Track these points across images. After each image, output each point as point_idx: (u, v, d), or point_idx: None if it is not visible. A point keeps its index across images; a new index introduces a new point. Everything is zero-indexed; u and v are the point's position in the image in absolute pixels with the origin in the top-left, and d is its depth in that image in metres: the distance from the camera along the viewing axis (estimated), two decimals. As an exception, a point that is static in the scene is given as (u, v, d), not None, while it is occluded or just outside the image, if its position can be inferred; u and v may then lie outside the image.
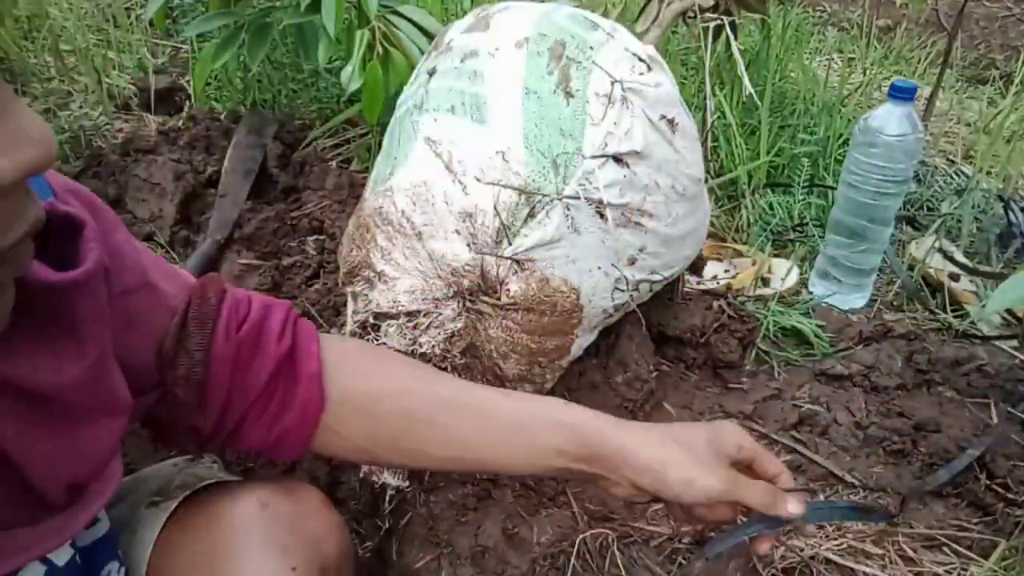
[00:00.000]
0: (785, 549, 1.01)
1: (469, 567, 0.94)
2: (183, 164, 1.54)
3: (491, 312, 0.99)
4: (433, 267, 0.97)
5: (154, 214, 1.48)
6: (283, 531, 0.64)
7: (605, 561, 0.99)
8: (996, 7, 3.13)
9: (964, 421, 1.19)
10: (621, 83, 0.98)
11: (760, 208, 1.65)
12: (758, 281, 1.44)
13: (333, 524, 0.68)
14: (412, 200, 0.98)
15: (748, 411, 1.21)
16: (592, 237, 1.00)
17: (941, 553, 1.03)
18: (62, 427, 0.48)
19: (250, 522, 0.63)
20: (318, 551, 0.65)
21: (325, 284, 1.32)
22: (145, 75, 1.94)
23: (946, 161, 1.82)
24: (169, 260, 1.42)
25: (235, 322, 0.64)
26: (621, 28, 1.06)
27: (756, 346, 1.32)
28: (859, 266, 1.41)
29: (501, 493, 1.03)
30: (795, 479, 0.79)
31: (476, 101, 0.99)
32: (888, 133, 1.30)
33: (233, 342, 0.63)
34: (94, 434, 0.51)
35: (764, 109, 1.63)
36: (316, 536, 0.66)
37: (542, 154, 0.96)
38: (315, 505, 0.68)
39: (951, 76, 2.45)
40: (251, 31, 1.49)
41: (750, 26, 2.09)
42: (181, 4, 2.01)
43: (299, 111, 1.84)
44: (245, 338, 0.64)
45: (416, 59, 1.33)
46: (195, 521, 0.65)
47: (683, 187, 1.06)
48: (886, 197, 1.35)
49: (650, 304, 1.23)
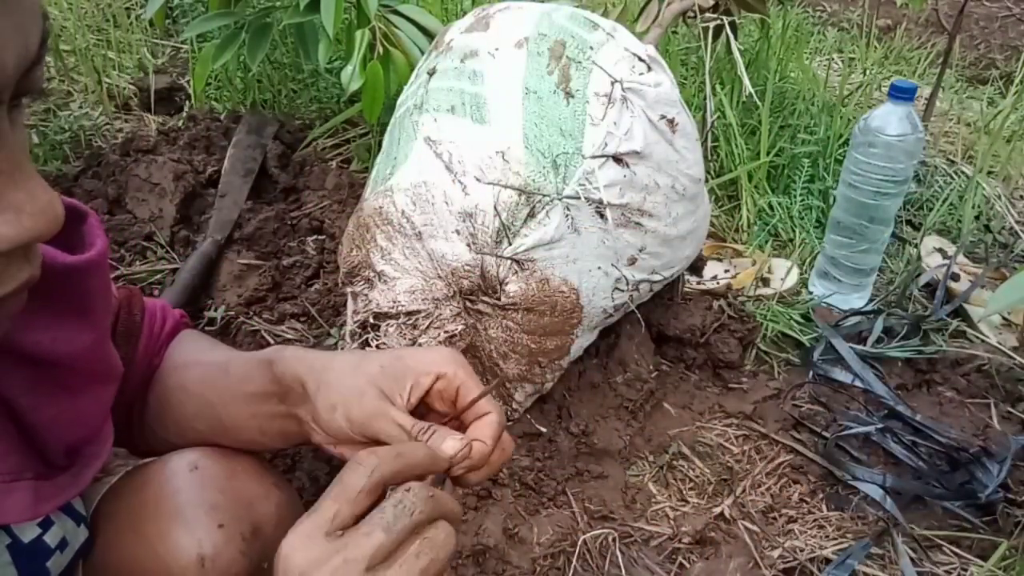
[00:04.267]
0: (784, 549, 1.01)
1: (470, 567, 0.94)
2: (183, 164, 1.54)
3: (491, 312, 0.99)
4: (433, 267, 0.97)
5: (154, 214, 1.47)
6: (212, 491, 0.63)
7: (605, 561, 0.99)
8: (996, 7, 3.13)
9: (964, 421, 1.20)
10: (621, 83, 0.98)
11: (760, 208, 1.65)
12: (758, 281, 1.44)
13: (269, 484, 0.67)
14: (412, 200, 0.97)
15: (748, 411, 1.21)
16: (592, 237, 1.00)
17: (941, 553, 1.03)
18: (64, 394, 0.52)
19: (178, 483, 0.64)
20: (250, 510, 0.64)
21: (325, 284, 1.32)
22: (145, 75, 1.94)
23: (946, 161, 1.82)
24: (169, 260, 1.42)
25: (154, 335, 0.70)
26: (621, 28, 1.06)
27: (756, 346, 1.32)
28: (859, 266, 1.41)
29: (501, 493, 1.03)
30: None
31: (476, 101, 0.99)
32: (888, 133, 1.30)
33: (149, 354, 0.69)
34: (91, 400, 0.55)
35: (764, 109, 1.63)
36: (249, 496, 0.65)
37: (542, 154, 0.96)
38: (249, 466, 0.67)
39: (951, 76, 2.44)
40: (251, 31, 1.49)
41: (750, 26, 2.09)
42: (181, 4, 2.01)
43: (299, 111, 1.84)
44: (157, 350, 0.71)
45: (416, 59, 1.33)
46: (128, 486, 0.66)
47: (683, 187, 1.06)
48: (886, 197, 1.35)
49: (650, 304, 1.23)
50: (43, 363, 0.50)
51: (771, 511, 1.07)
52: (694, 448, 1.16)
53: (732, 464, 1.14)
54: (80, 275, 0.52)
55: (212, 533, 0.61)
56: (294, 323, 1.27)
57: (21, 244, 0.36)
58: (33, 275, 0.39)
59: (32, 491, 0.50)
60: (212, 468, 0.65)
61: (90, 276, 0.53)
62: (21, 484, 0.49)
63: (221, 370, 0.67)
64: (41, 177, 0.37)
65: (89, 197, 1.50)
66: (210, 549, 0.60)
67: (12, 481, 0.49)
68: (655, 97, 1.00)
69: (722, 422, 1.20)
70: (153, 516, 0.62)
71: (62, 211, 0.37)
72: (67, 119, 1.69)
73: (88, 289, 0.53)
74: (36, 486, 0.50)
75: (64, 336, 0.51)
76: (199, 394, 0.67)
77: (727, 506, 1.06)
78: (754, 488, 1.10)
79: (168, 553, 0.60)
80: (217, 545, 0.61)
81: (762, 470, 1.13)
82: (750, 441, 1.18)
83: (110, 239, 1.42)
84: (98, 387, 0.56)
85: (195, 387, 0.67)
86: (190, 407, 0.67)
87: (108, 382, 0.58)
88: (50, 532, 0.56)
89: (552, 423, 1.13)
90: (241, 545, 0.62)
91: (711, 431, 1.19)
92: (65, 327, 0.51)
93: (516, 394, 1.07)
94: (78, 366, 0.53)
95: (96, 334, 0.54)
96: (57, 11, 2.08)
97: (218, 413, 0.66)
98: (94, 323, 0.54)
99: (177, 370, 0.70)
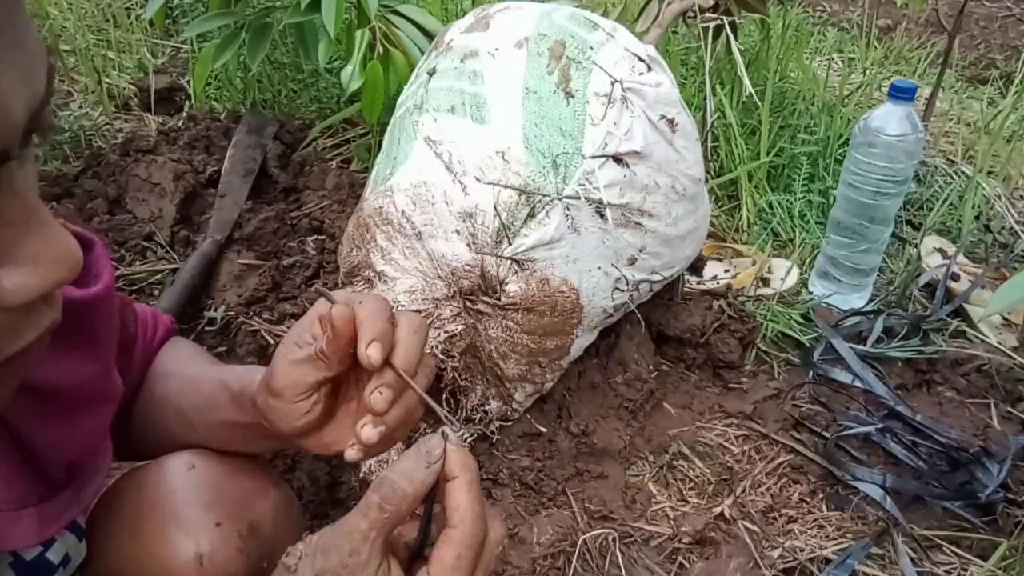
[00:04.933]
0: (784, 549, 1.01)
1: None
2: (183, 164, 1.54)
3: (491, 312, 0.99)
4: (433, 267, 0.97)
5: (154, 214, 1.47)
6: (208, 490, 0.64)
7: (605, 561, 0.99)
8: (996, 7, 3.12)
9: (964, 421, 1.20)
10: (621, 83, 0.98)
11: (760, 208, 1.65)
12: (758, 281, 1.44)
13: (266, 482, 0.68)
14: (412, 200, 0.97)
15: (748, 411, 1.21)
16: (592, 237, 1.00)
17: (941, 553, 1.03)
18: (66, 416, 0.52)
19: (175, 482, 0.64)
20: (248, 508, 0.64)
21: (325, 284, 1.32)
22: (145, 75, 1.94)
23: (946, 161, 1.82)
24: (169, 260, 1.42)
25: (147, 344, 0.71)
26: (621, 28, 1.06)
27: (756, 346, 1.32)
28: (859, 266, 1.41)
29: (501, 493, 1.03)
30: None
31: (476, 101, 0.99)
32: (888, 133, 1.30)
33: (144, 364, 0.71)
34: (92, 420, 0.55)
35: (764, 109, 1.63)
36: (245, 494, 0.65)
37: (542, 154, 0.96)
38: (245, 465, 0.67)
39: (951, 76, 2.44)
40: (251, 31, 1.49)
41: (750, 26, 2.09)
42: (181, 4, 2.01)
43: (299, 111, 1.84)
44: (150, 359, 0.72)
45: (416, 59, 1.33)
46: (125, 488, 0.66)
47: (683, 187, 1.06)
48: (886, 197, 1.35)
49: (650, 304, 1.23)
50: (47, 392, 0.50)
51: (771, 511, 1.07)
52: (694, 448, 1.16)
53: (732, 464, 1.14)
54: (87, 309, 0.52)
55: (209, 532, 0.61)
56: (294, 323, 1.27)
57: (42, 294, 0.34)
58: (55, 320, 0.38)
59: (37, 516, 0.50)
60: (208, 467, 0.65)
61: (97, 310, 0.53)
62: (26, 511, 0.49)
63: (194, 387, 0.67)
64: (56, 221, 0.35)
65: (89, 197, 1.50)
66: (208, 548, 0.60)
67: (18, 509, 0.49)
68: (655, 97, 1.00)
69: (722, 422, 1.20)
70: (150, 517, 0.62)
71: (80, 256, 0.36)
72: (67, 119, 1.69)
73: (95, 322, 0.53)
74: (40, 510, 0.50)
75: (69, 368, 0.51)
76: (176, 404, 0.67)
77: (727, 506, 1.06)
78: (754, 488, 1.10)
79: (166, 553, 0.60)
80: (215, 544, 0.61)
81: (762, 470, 1.13)
82: (750, 441, 1.18)
83: (110, 239, 1.42)
84: (100, 408, 0.57)
85: (174, 398, 0.68)
86: (168, 414, 0.68)
87: (110, 403, 0.58)
88: (52, 549, 0.56)
89: (552, 423, 1.13)
90: (239, 543, 0.62)
91: (711, 431, 1.19)
92: (71, 359, 0.51)
93: (516, 394, 1.07)
94: (82, 394, 0.53)
95: (102, 364, 0.55)
96: (57, 11, 2.08)
97: (192, 423, 0.66)
98: (100, 355, 0.54)
99: (162, 378, 0.70)
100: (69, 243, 0.35)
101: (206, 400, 0.65)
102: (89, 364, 0.53)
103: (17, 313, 0.34)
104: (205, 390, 0.66)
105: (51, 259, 0.34)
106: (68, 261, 0.35)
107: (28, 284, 0.34)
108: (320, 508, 1.02)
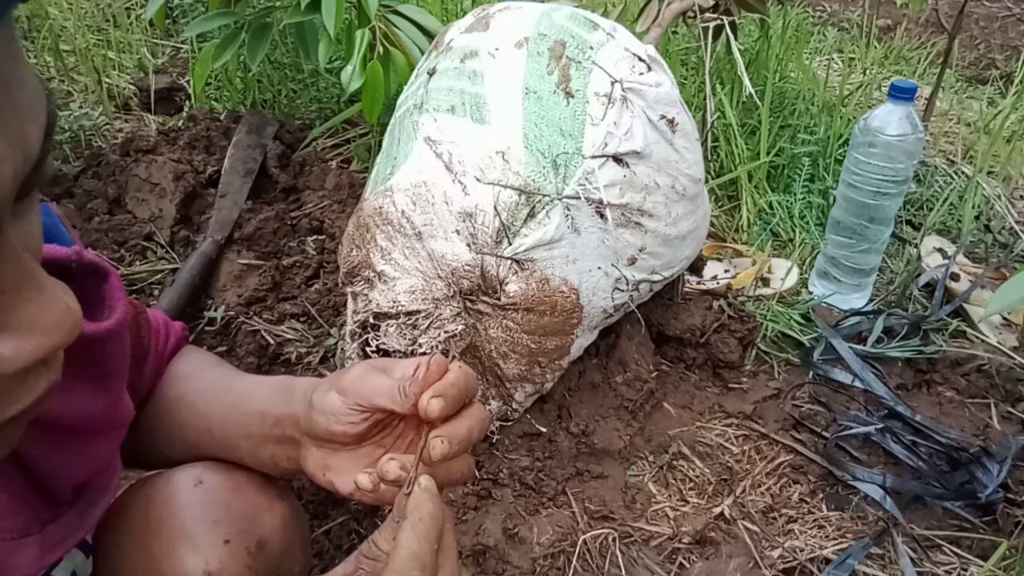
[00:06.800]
0: (783, 549, 1.01)
1: (470, 566, 0.94)
2: (183, 164, 1.54)
3: (491, 312, 0.99)
4: (433, 267, 0.97)
5: (154, 214, 1.48)
6: (216, 505, 0.63)
7: (605, 561, 0.99)
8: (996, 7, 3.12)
9: (964, 421, 1.20)
10: (621, 83, 0.98)
11: (760, 208, 1.65)
12: (758, 281, 1.44)
13: (272, 497, 0.67)
14: (412, 200, 0.97)
15: (748, 411, 1.21)
16: (592, 237, 1.00)
17: (941, 553, 1.03)
18: (75, 444, 0.52)
19: (183, 498, 0.64)
20: (255, 524, 0.64)
21: (325, 284, 1.32)
22: (145, 75, 1.95)
23: (946, 161, 1.82)
24: (169, 260, 1.42)
25: (159, 354, 0.71)
26: (621, 28, 1.06)
27: (756, 346, 1.32)
28: (859, 266, 1.41)
29: (501, 493, 1.03)
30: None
31: (476, 101, 0.99)
32: (888, 133, 1.30)
33: (155, 374, 0.71)
34: (101, 444, 0.55)
35: (764, 109, 1.63)
36: (253, 509, 0.65)
37: (542, 154, 0.96)
38: (252, 479, 0.67)
39: (951, 76, 2.44)
40: (251, 31, 1.49)
41: (750, 26, 2.09)
42: (181, 4, 2.01)
43: (299, 111, 1.84)
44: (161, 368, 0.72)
45: (416, 59, 1.33)
46: (133, 501, 0.66)
47: (683, 187, 1.06)
48: (886, 197, 1.35)
49: (650, 304, 1.23)
50: (54, 424, 0.49)
51: (771, 511, 1.07)
52: (694, 448, 1.16)
53: (732, 464, 1.14)
54: (99, 343, 0.51)
55: (218, 549, 0.61)
56: (294, 323, 1.28)
57: (36, 360, 0.33)
58: (54, 381, 0.36)
59: (39, 544, 0.49)
60: (216, 482, 0.65)
61: (109, 343, 0.52)
62: (29, 539, 0.49)
63: (223, 386, 0.67)
64: (53, 283, 0.33)
65: (89, 197, 1.50)
66: (216, 565, 0.60)
67: (20, 538, 0.48)
68: (655, 97, 1.00)
69: (722, 422, 1.20)
70: (158, 533, 0.62)
71: (79, 316, 0.34)
72: (67, 119, 1.69)
73: (106, 356, 0.52)
74: (43, 537, 0.49)
75: (78, 401, 0.50)
76: (194, 405, 0.67)
77: (727, 506, 1.06)
78: (754, 488, 1.10)
79: (174, 570, 0.60)
80: (223, 561, 0.61)
81: (762, 470, 1.13)
82: (750, 441, 1.18)
83: (110, 239, 1.42)
84: (110, 432, 0.56)
85: (193, 398, 0.68)
86: (182, 417, 0.67)
87: (120, 427, 0.57)
88: (59, 567, 0.56)
89: (552, 423, 1.13)
90: (247, 560, 0.62)
91: (711, 431, 1.19)
92: (80, 392, 0.50)
93: (516, 394, 1.07)
94: (91, 424, 0.52)
95: (112, 395, 0.54)
96: (57, 11, 2.08)
97: (210, 427, 0.66)
98: (110, 387, 0.53)
99: (178, 381, 0.70)
100: (68, 304, 0.33)
101: (238, 395, 0.66)
102: (99, 397, 0.52)
103: (13, 379, 0.33)
104: (239, 385, 0.67)
105: (48, 324, 0.33)
106: (66, 325, 0.33)
107: (24, 350, 0.32)
108: (320, 508, 1.02)
